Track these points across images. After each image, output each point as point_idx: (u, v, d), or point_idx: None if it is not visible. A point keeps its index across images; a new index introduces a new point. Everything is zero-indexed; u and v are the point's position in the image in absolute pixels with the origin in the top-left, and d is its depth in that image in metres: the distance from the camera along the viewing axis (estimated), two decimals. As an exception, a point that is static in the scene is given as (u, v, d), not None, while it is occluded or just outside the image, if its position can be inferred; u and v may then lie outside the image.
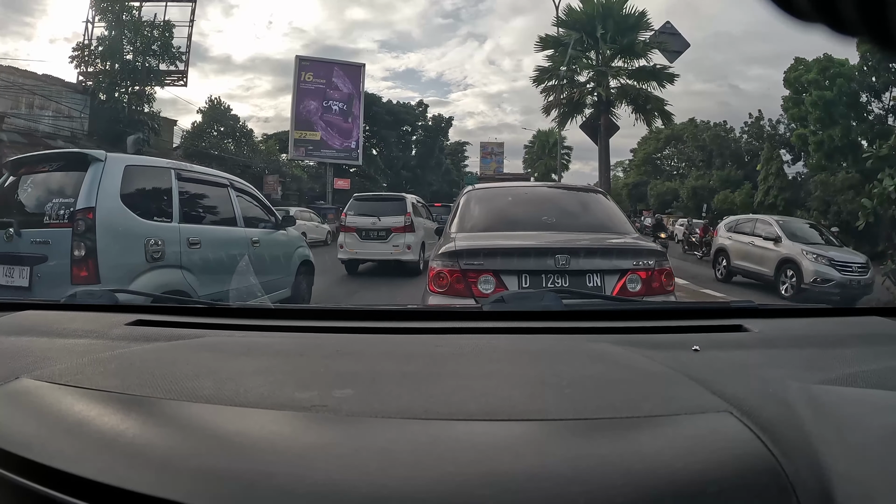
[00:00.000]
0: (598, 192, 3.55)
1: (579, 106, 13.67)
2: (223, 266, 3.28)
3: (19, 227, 2.93)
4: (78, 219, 2.80)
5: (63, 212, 2.86)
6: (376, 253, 8.14)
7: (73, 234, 2.79)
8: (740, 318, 0.94)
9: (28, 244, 2.90)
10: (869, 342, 0.84)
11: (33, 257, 2.88)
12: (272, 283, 4.00)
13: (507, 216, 3.02)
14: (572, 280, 2.39)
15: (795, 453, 0.44)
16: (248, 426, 0.51)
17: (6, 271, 2.97)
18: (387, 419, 0.51)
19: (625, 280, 2.41)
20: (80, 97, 16.72)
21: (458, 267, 2.40)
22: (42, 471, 0.44)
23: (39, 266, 2.87)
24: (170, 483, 0.41)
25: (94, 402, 0.55)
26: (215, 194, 3.70)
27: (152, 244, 3.03)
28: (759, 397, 0.55)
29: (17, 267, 2.93)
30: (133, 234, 2.97)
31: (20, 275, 2.92)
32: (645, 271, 2.42)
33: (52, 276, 2.83)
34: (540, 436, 0.49)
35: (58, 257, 2.82)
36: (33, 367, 0.67)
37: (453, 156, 38.71)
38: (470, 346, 0.79)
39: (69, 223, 2.82)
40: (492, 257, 2.45)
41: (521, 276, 2.42)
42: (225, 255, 3.37)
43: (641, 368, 0.66)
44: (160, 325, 0.94)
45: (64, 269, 2.79)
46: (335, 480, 0.41)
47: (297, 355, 0.77)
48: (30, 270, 2.89)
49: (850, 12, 0.31)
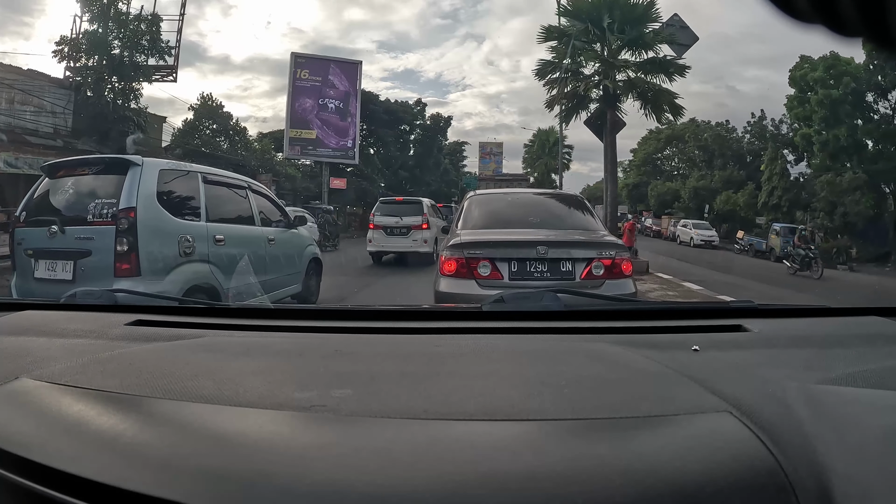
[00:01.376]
0: (577, 197, 4.61)
1: (584, 100, 13.14)
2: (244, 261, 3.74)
3: (62, 224, 3.38)
4: (121, 217, 3.23)
5: (106, 211, 3.29)
6: (399, 246, 10.53)
7: (116, 231, 3.21)
8: (740, 318, 0.98)
9: (72, 240, 3.32)
10: (868, 342, 0.87)
11: (77, 252, 3.30)
12: (285, 279, 4.49)
13: (501, 216, 3.90)
14: (550, 265, 3.23)
15: (795, 453, 0.45)
16: (248, 426, 0.53)
17: (49, 266, 3.39)
18: (386, 419, 0.54)
19: (591, 267, 3.23)
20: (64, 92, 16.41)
21: (463, 256, 3.24)
22: (41, 471, 0.45)
23: (83, 260, 3.28)
24: (169, 483, 0.42)
25: (94, 402, 0.57)
26: (236, 196, 4.17)
27: (184, 241, 3.47)
28: (759, 397, 0.56)
29: (61, 261, 3.35)
30: (168, 232, 3.40)
31: (63, 268, 3.34)
32: (608, 259, 3.24)
33: (95, 269, 3.24)
34: (539, 436, 0.51)
35: (101, 252, 3.24)
36: (33, 367, 0.70)
37: (452, 156, 39.12)
38: (469, 347, 0.83)
39: (112, 221, 3.24)
40: (488, 248, 3.29)
41: (510, 262, 3.24)
42: (246, 252, 3.82)
43: (640, 368, 0.69)
44: (159, 325, 0.97)
45: (107, 263, 3.21)
46: (334, 480, 0.42)
47: (297, 355, 0.80)
48: (73, 264, 3.30)
49: (850, 13, 0.31)
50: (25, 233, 3.52)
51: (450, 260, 3.28)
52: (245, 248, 3.90)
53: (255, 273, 3.75)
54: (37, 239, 3.42)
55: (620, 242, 3.66)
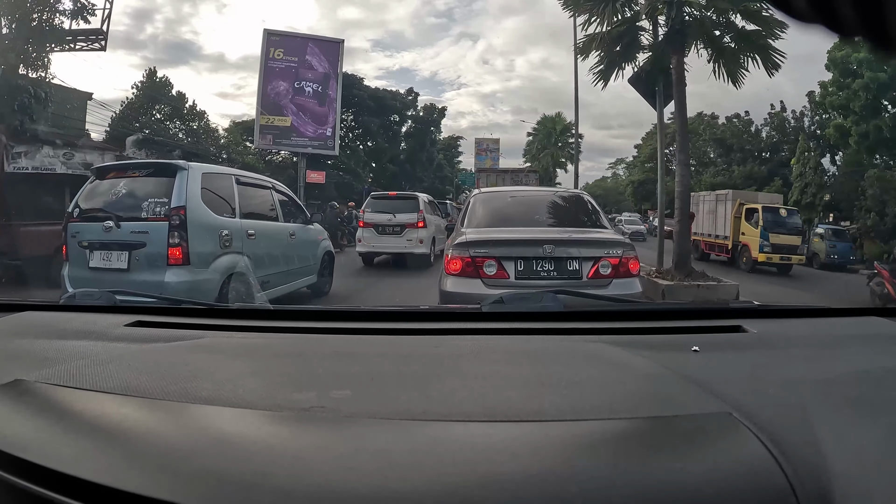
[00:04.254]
0: (582, 193, 5.27)
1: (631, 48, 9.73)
2: (271, 254, 5.03)
3: (118, 220, 4.58)
4: (173, 214, 4.38)
5: (159, 209, 4.45)
6: (391, 246, 10.68)
7: (168, 226, 4.36)
8: (739, 318, 1.10)
9: (127, 234, 4.45)
10: (867, 343, 0.98)
11: (132, 244, 4.43)
12: (303, 270, 5.86)
13: (506, 215, 4.48)
14: (556, 265, 3.70)
15: (795, 454, 0.51)
16: (247, 427, 0.61)
17: (104, 256, 4.53)
18: (385, 420, 0.61)
19: (598, 266, 3.70)
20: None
21: (468, 254, 3.72)
22: (40, 472, 0.51)
23: (137, 251, 4.41)
24: (168, 484, 0.48)
25: (93, 403, 0.66)
26: (262, 195, 5.45)
27: (224, 235, 4.68)
28: (759, 398, 0.65)
29: (116, 252, 4.47)
30: (211, 227, 4.58)
31: (118, 259, 4.48)
32: (615, 258, 3.72)
33: (147, 259, 4.38)
34: (538, 437, 0.57)
35: (154, 244, 4.37)
36: (32, 367, 0.79)
37: (446, 151, 40.42)
38: (469, 348, 0.93)
39: (165, 217, 4.39)
40: (494, 247, 3.77)
41: (516, 261, 3.71)
42: (272, 245, 5.11)
43: (640, 369, 0.78)
44: (159, 326, 1.09)
45: (160, 254, 4.34)
46: (333, 481, 0.48)
47: (296, 356, 0.91)
48: (128, 255, 4.47)
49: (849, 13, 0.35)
50: (80, 227, 4.65)
51: (455, 259, 3.73)
52: (271, 242, 5.18)
53: (279, 264, 5.07)
54: (92, 232, 4.55)
55: (628, 241, 4.09)
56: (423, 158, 34.76)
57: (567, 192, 5.63)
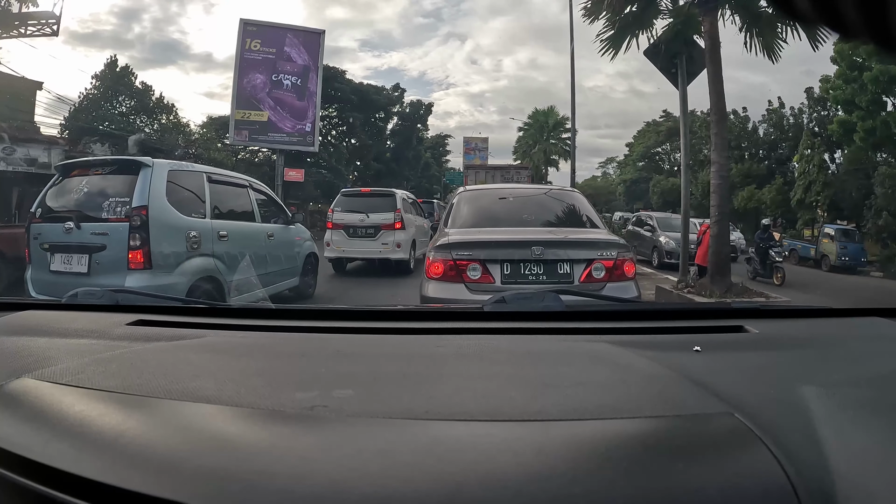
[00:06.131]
0: (574, 192, 5.22)
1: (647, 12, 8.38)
2: (246, 256, 4.97)
3: (78, 221, 4.50)
4: (134, 215, 4.38)
5: (119, 209, 4.45)
6: (364, 251, 9.79)
7: (129, 227, 4.35)
8: (741, 318, 1.15)
9: (87, 235, 4.45)
10: (869, 343, 1.03)
11: (92, 247, 4.43)
12: (283, 272, 5.86)
13: (493, 214, 4.39)
14: (546, 268, 3.60)
15: (797, 455, 0.54)
16: (249, 426, 0.64)
17: (65, 259, 4.53)
18: (387, 420, 0.64)
19: (591, 268, 3.60)
20: None
21: (451, 257, 3.59)
22: (43, 471, 0.54)
23: (98, 254, 4.42)
24: (170, 483, 0.51)
25: (95, 402, 0.69)
26: (237, 194, 5.45)
27: (192, 236, 4.66)
28: (761, 399, 0.68)
29: (76, 255, 4.48)
30: (177, 228, 4.58)
31: (79, 262, 4.48)
32: (609, 261, 3.61)
33: (109, 262, 4.38)
34: (541, 436, 0.60)
35: (115, 247, 4.38)
36: (34, 366, 0.82)
37: (434, 149, 40.71)
38: (471, 347, 0.97)
39: (126, 218, 4.39)
40: (478, 249, 3.66)
41: (503, 264, 3.61)
42: (247, 247, 5.05)
43: (642, 369, 0.81)
44: (161, 325, 1.13)
45: (120, 257, 4.35)
46: (336, 481, 0.51)
47: (298, 355, 0.95)
48: (89, 258, 4.44)
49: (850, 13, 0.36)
50: (41, 228, 4.66)
51: (437, 262, 3.61)
52: (246, 244, 5.18)
53: (256, 267, 5.04)
54: (53, 234, 4.56)
55: (622, 241, 3.99)
56: (410, 156, 34.99)
57: (558, 190, 5.50)
